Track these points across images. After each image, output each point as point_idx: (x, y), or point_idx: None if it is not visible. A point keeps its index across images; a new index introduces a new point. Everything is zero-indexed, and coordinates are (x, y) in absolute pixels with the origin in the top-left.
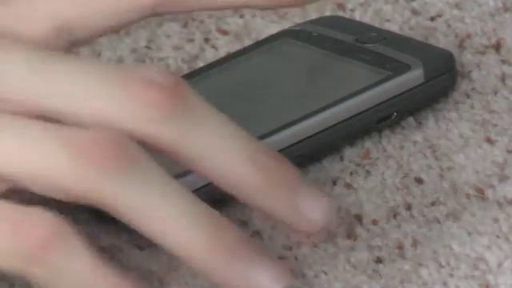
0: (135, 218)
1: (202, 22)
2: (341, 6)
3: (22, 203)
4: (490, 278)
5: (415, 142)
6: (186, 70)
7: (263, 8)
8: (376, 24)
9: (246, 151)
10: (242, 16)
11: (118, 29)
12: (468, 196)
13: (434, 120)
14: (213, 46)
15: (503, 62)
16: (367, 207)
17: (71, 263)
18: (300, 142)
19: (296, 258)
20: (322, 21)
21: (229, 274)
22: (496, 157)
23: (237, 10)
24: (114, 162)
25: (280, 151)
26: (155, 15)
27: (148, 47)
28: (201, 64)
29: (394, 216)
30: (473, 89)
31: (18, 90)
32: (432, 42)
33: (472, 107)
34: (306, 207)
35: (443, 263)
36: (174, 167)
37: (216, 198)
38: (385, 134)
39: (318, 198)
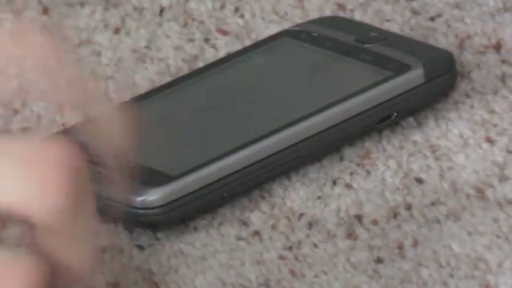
0: None
1: (201, 22)
2: (341, 6)
3: None
4: (490, 278)
5: (415, 142)
6: (186, 69)
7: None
8: (376, 24)
9: None
10: (242, 16)
11: None
12: (468, 196)
13: (434, 120)
14: (213, 46)
15: (503, 62)
16: (367, 207)
17: None
18: (300, 142)
19: (296, 258)
20: (322, 21)
21: None
22: (496, 157)
23: None
24: None
25: (280, 151)
26: None
27: (148, 47)
28: (201, 64)
29: (394, 216)
30: (473, 89)
31: None
32: (432, 42)
33: (472, 107)
34: None
35: (443, 263)
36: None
37: (215, 198)
38: (385, 133)
39: None
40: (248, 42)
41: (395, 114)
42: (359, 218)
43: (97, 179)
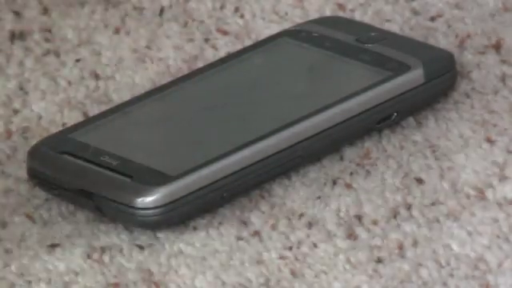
0: None
1: (201, 22)
2: (341, 6)
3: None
4: (490, 278)
5: (415, 142)
6: (185, 69)
7: None
8: (376, 24)
9: None
10: (242, 16)
11: None
12: (468, 196)
13: (434, 120)
14: (213, 46)
15: (503, 62)
16: (367, 207)
17: None
18: (300, 142)
19: (296, 258)
20: (322, 21)
21: None
22: (496, 157)
23: None
24: None
25: (280, 151)
26: None
27: (148, 47)
28: (201, 64)
29: (394, 216)
30: (473, 89)
31: None
32: (432, 42)
33: (472, 107)
34: None
35: (443, 263)
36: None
37: (215, 198)
38: (385, 133)
39: None
40: (248, 42)
41: (395, 114)
42: (359, 217)
43: (97, 179)
